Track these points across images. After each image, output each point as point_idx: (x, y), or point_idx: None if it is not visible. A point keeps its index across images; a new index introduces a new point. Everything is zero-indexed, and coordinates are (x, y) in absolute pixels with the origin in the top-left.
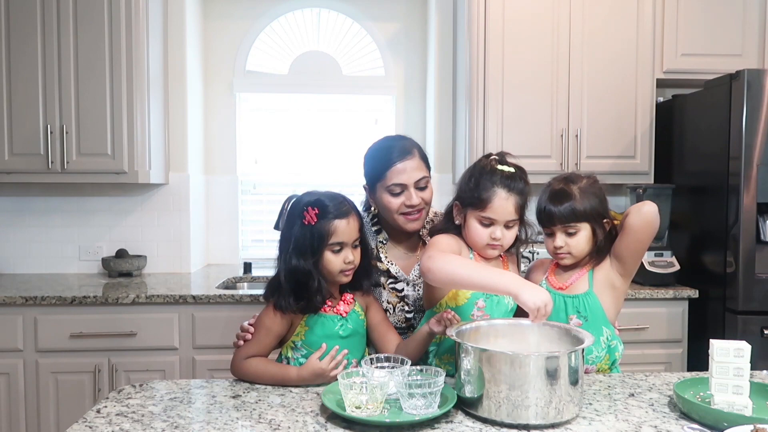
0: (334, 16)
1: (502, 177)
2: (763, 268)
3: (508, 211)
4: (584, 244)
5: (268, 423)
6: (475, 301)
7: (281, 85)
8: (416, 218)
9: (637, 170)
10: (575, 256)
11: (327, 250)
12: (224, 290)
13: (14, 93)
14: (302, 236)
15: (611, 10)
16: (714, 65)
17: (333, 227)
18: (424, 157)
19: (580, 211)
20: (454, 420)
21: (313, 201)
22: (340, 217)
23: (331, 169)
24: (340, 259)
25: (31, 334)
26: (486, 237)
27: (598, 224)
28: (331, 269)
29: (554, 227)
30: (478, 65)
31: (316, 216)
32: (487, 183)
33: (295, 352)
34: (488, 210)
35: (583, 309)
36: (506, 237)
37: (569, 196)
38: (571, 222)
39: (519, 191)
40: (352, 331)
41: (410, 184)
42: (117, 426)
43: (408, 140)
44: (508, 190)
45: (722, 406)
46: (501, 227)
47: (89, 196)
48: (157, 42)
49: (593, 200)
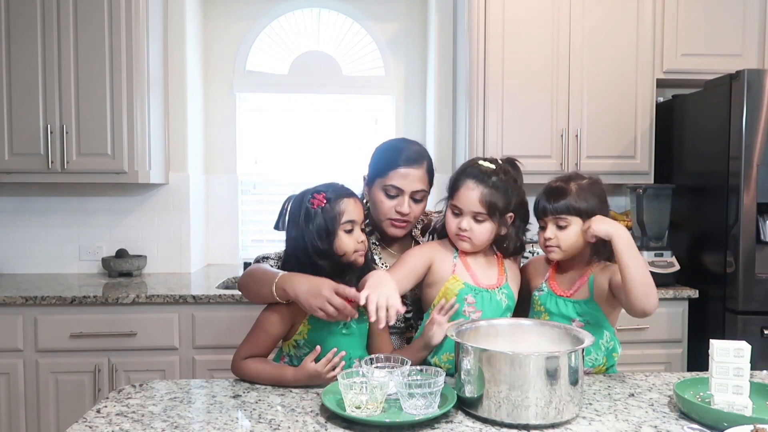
0: (334, 16)
1: (476, 169)
2: (763, 268)
3: (473, 201)
4: (574, 239)
5: (268, 423)
6: (464, 296)
7: (281, 85)
8: (401, 226)
9: (637, 170)
10: (564, 250)
11: (340, 230)
12: (224, 290)
13: (14, 93)
14: (314, 221)
15: (611, 10)
16: (714, 65)
17: (343, 206)
18: (431, 170)
19: (574, 206)
20: (454, 420)
21: (314, 189)
22: (348, 196)
23: (331, 169)
24: (353, 239)
25: (31, 334)
26: (454, 226)
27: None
28: (346, 249)
29: (546, 218)
30: (478, 65)
31: (325, 199)
32: (461, 174)
33: (298, 350)
34: (455, 198)
35: (584, 313)
36: (474, 230)
37: (565, 192)
38: (563, 214)
39: (491, 185)
40: (354, 329)
41: (407, 192)
42: (117, 426)
43: (421, 148)
44: (476, 182)
45: (722, 406)
46: (468, 218)
47: (89, 196)
48: (157, 42)
49: (590, 199)
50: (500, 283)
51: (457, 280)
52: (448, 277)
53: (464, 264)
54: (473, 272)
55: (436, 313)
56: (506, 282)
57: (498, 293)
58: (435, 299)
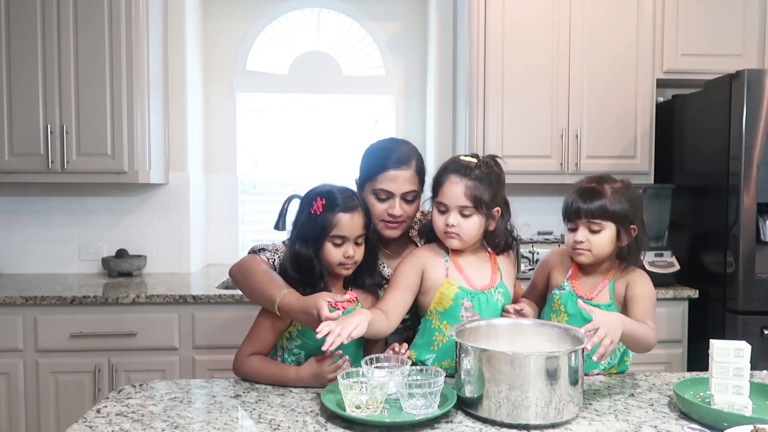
0: (334, 16)
1: (457, 164)
2: (763, 268)
3: (458, 195)
4: (606, 244)
5: (268, 423)
6: (460, 301)
7: (281, 85)
8: (395, 227)
9: (637, 170)
10: (594, 254)
11: (328, 241)
12: (224, 290)
13: (14, 93)
14: (307, 224)
15: (611, 10)
16: (714, 65)
17: (336, 219)
18: (421, 170)
19: (610, 210)
20: (454, 420)
21: (323, 192)
22: (345, 211)
23: (331, 169)
24: (341, 252)
25: (31, 334)
26: (442, 224)
27: (624, 228)
28: (330, 260)
29: (579, 221)
30: (478, 65)
31: (323, 207)
32: (444, 171)
33: (290, 342)
34: (440, 195)
35: None
36: (462, 225)
37: (601, 194)
38: (598, 219)
39: (474, 178)
40: None
41: (397, 194)
42: (117, 426)
43: (409, 148)
44: (459, 175)
45: (722, 406)
46: (455, 213)
47: (89, 196)
48: (157, 42)
49: (624, 203)
50: (495, 282)
51: (452, 284)
52: (441, 282)
53: (456, 266)
54: (466, 274)
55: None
56: (501, 280)
57: (494, 293)
58: (431, 305)
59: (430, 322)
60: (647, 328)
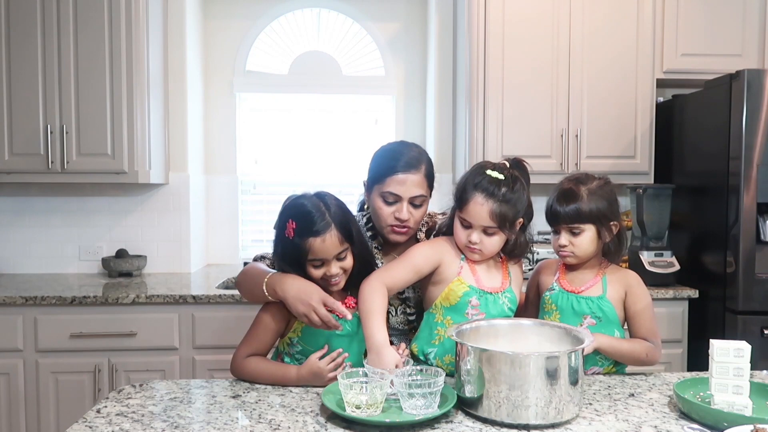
0: (334, 16)
1: (485, 181)
2: (763, 268)
3: (482, 216)
4: (588, 245)
5: (268, 423)
6: (468, 299)
7: (281, 85)
8: (402, 233)
9: (637, 170)
10: (579, 256)
11: (308, 264)
12: (224, 290)
13: (14, 93)
14: (283, 245)
15: (611, 10)
16: (714, 65)
17: (308, 245)
18: (430, 174)
19: (585, 212)
20: (454, 420)
21: (295, 213)
22: (315, 235)
23: (331, 169)
24: (322, 272)
25: (31, 334)
26: (464, 238)
27: (605, 226)
28: (315, 280)
29: (560, 226)
30: (478, 65)
31: (293, 231)
32: (470, 185)
33: (291, 348)
34: (464, 212)
35: (597, 310)
36: (485, 243)
37: (576, 197)
38: (576, 223)
39: (501, 199)
40: (349, 332)
41: (405, 198)
42: (117, 426)
43: (419, 152)
44: (486, 196)
45: (722, 406)
46: (478, 232)
47: (89, 196)
48: (157, 42)
49: (600, 202)
50: (504, 287)
51: (462, 282)
52: (453, 278)
53: (470, 267)
54: (478, 276)
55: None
56: (510, 286)
57: (501, 297)
58: (438, 298)
59: (434, 315)
60: (639, 345)
